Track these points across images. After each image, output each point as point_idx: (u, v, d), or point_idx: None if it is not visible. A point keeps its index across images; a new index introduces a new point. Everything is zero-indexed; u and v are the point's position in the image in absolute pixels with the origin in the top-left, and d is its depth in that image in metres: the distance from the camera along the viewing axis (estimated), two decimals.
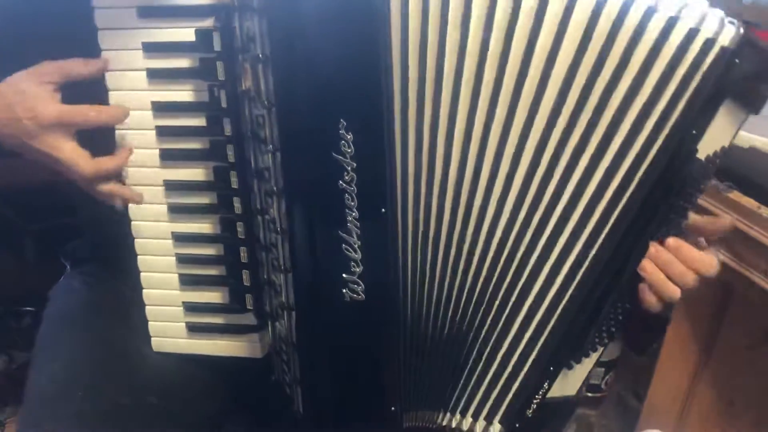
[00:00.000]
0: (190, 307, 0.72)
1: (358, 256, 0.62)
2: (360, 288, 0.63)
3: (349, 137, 0.59)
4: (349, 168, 0.59)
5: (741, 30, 0.57)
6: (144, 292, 0.72)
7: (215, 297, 0.71)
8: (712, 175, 0.64)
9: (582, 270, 0.65)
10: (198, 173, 0.67)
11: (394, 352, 0.67)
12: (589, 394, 1.41)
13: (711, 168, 0.62)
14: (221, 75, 0.63)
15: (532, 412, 0.70)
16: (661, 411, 1.17)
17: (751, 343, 0.99)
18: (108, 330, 0.76)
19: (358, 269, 0.63)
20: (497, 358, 0.70)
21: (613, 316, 0.67)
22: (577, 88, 0.60)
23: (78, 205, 0.82)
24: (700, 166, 0.61)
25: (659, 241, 0.63)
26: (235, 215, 0.67)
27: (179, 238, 0.70)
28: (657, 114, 0.59)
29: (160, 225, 0.69)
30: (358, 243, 0.62)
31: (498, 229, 0.65)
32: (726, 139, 0.62)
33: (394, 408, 0.69)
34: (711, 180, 0.65)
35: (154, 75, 0.65)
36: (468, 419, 0.73)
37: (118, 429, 0.69)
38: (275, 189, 0.62)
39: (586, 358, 0.69)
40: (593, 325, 0.67)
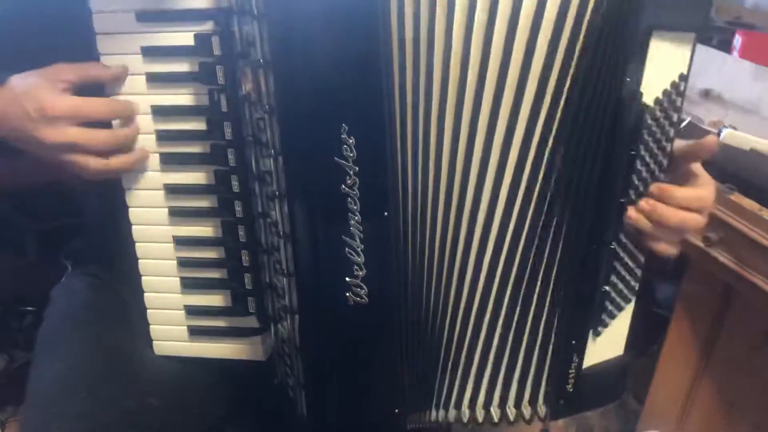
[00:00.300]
0: (192, 311, 0.72)
1: (361, 260, 0.62)
2: (363, 291, 0.63)
3: (351, 141, 0.59)
4: (351, 172, 0.59)
5: None
6: (145, 295, 0.72)
7: (217, 300, 0.71)
8: (680, 108, 0.62)
9: (560, 244, 0.65)
10: (199, 177, 0.67)
11: (398, 355, 0.67)
12: None
13: (675, 101, 0.60)
14: (221, 79, 0.63)
15: (573, 386, 0.70)
16: (661, 413, 1.17)
17: (751, 345, 0.99)
18: (109, 330, 0.77)
19: (361, 272, 0.63)
20: (509, 347, 0.70)
21: (624, 272, 0.67)
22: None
23: (80, 206, 0.82)
24: (653, 108, 0.60)
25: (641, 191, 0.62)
26: (236, 219, 0.67)
27: (180, 242, 0.70)
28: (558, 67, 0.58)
29: (161, 229, 0.69)
30: (361, 246, 0.62)
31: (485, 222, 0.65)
32: (682, 66, 0.60)
33: (397, 410, 0.69)
34: (681, 114, 0.62)
35: (154, 79, 0.65)
36: (511, 409, 0.73)
37: (119, 430, 0.69)
38: (277, 193, 0.62)
39: (611, 319, 0.69)
40: (597, 289, 0.66)
